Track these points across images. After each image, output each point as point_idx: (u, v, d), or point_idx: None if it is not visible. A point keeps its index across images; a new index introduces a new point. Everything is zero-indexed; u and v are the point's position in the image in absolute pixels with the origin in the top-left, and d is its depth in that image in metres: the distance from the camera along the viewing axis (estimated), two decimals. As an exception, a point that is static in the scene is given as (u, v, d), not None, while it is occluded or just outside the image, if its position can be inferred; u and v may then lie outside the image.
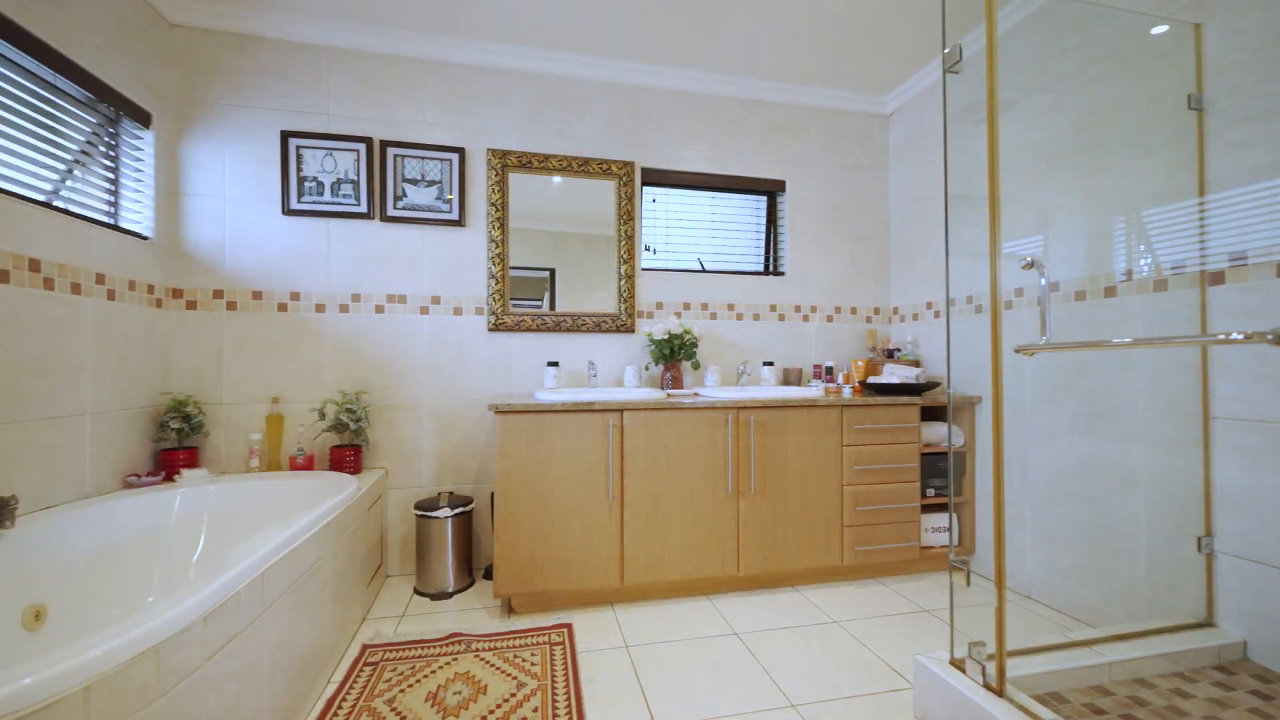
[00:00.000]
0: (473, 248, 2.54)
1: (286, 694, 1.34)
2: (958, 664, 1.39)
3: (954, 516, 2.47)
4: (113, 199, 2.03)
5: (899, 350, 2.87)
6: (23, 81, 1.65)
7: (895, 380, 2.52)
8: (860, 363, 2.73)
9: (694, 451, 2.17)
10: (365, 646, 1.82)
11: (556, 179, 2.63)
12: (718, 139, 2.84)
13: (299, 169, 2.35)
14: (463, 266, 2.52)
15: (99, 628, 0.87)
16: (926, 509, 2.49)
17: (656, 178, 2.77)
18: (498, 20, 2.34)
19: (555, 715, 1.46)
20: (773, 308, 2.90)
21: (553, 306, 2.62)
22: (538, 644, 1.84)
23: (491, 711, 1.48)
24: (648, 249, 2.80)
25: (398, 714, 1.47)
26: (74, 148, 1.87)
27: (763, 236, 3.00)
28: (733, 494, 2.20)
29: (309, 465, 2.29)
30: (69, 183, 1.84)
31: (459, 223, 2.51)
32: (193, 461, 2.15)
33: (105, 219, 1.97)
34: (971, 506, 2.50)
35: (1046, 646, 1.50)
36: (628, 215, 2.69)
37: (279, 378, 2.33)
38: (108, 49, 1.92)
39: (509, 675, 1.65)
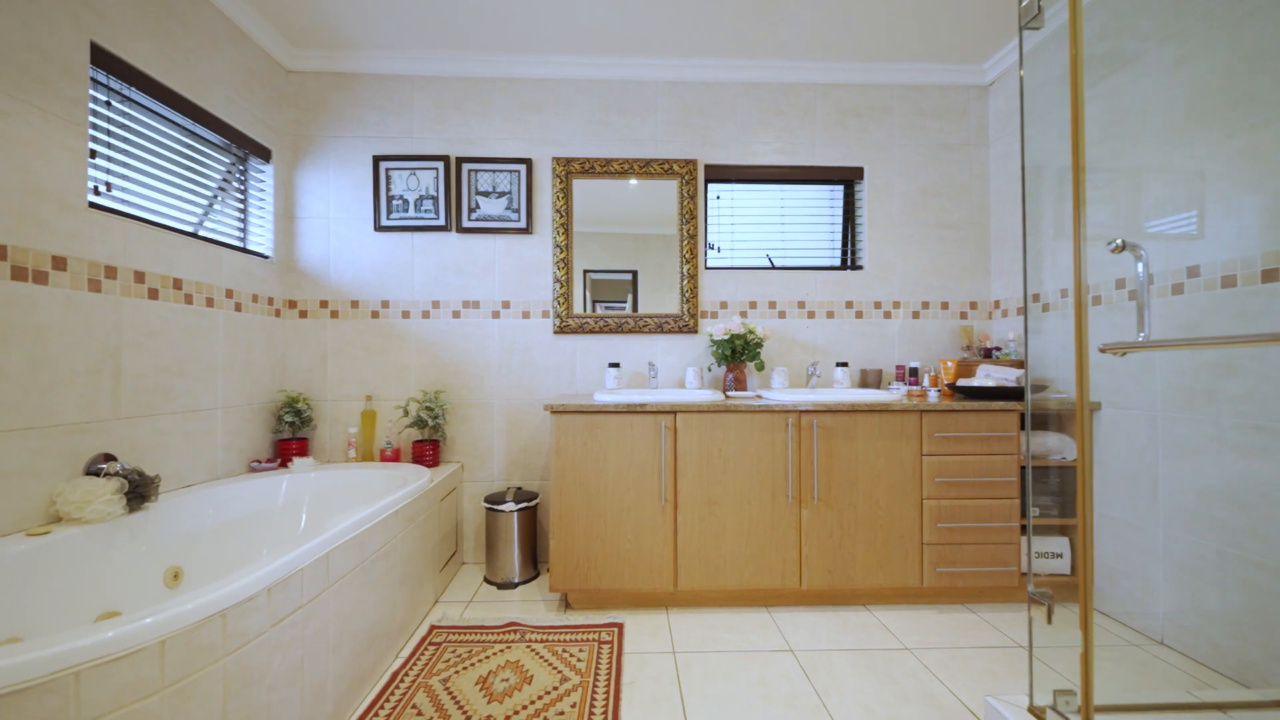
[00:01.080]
0: (539, 254, 2.64)
1: (352, 663, 1.49)
2: (1036, 713, 1.20)
3: (1030, 540, 2.15)
4: (242, 225, 2.38)
5: (999, 349, 2.54)
6: (173, 134, 1.99)
7: (990, 383, 2.24)
8: (950, 363, 2.46)
9: (751, 456, 2.08)
10: (433, 627, 1.96)
11: (619, 182, 2.65)
12: (788, 128, 2.71)
13: (388, 189, 2.60)
14: (529, 272, 2.64)
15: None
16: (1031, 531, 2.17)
17: (721, 174, 2.70)
18: (563, 33, 2.42)
19: (591, 714, 1.48)
20: (849, 305, 2.71)
21: (635, 308, 2.64)
22: (587, 640, 1.87)
23: (532, 702, 1.53)
24: (712, 248, 2.74)
25: (449, 693, 1.57)
26: (213, 184, 2.22)
27: (838, 229, 2.81)
28: (793, 502, 2.09)
29: (396, 457, 2.52)
30: (211, 214, 2.20)
31: (526, 230, 2.63)
32: (303, 451, 2.46)
33: (236, 243, 2.32)
34: (1088, 530, 2.15)
35: (1161, 706, 1.25)
36: (690, 214, 2.65)
37: (372, 378, 2.59)
38: (236, 98, 2.26)
39: (555, 668, 1.69)
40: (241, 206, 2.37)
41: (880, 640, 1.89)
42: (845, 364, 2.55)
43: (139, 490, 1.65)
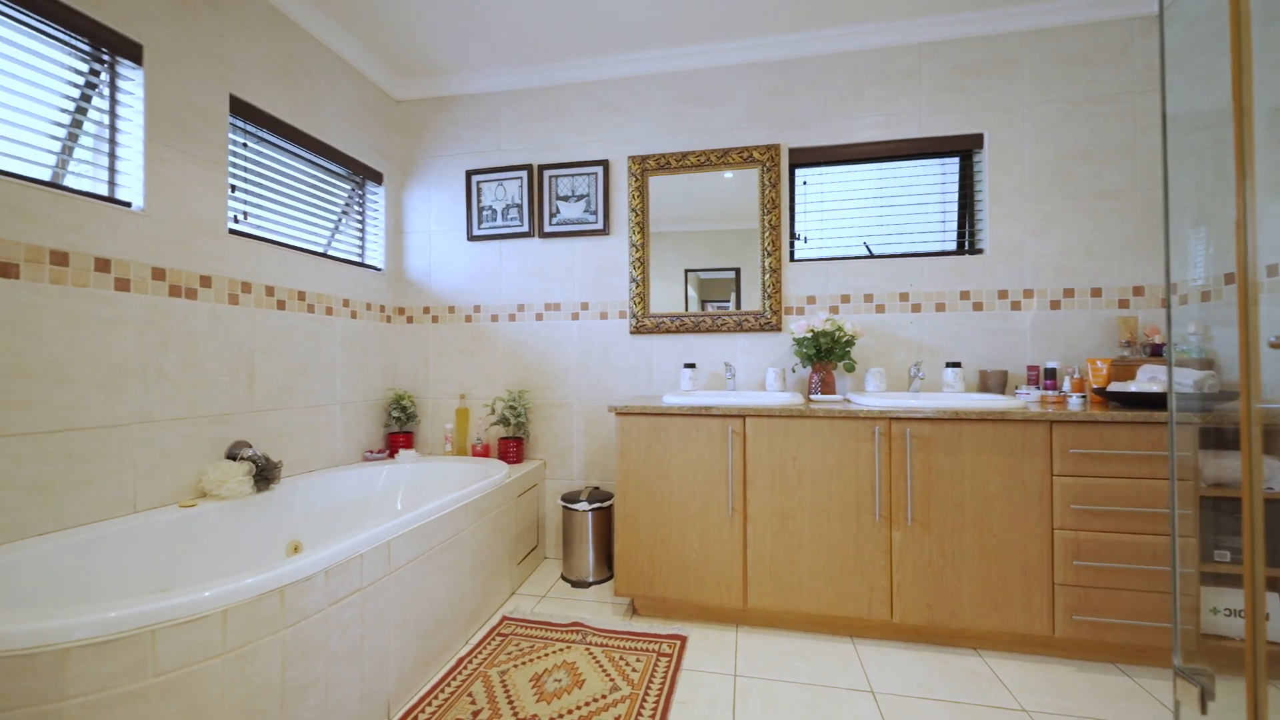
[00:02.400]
0: (616, 255, 2.64)
1: (415, 646, 1.59)
2: (1184, 830, 0.90)
3: (1176, 590, 1.63)
4: (360, 241, 2.69)
5: (1176, 346, 2.01)
6: (301, 166, 2.31)
7: (1155, 388, 1.78)
8: (1101, 363, 2.00)
9: (831, 467, 1.87)
10: (504, 618, 2.04)
11: (711, 175, 2.55)
12: (887, 99, 2.40)
13: (479, 201, 2.77)
14: (606, 273, 2.65)
15: (251, 567, 1.16)
16: (1216, 580, 1.69)
17: (808, 157, 2.48)
18: (635, 29, 2.39)
19: (632, 729, 1.42)
20: (964, 295, 2.33)
21: (739, 305, 2.52)
22: (647, 650, 1.81)
23: (578, 707, 1.51)
24: (798, 238, 2.52)
25: (504, 687, 1.61)
26: (338, 207, 2.54)
27: (951, 208, 2.43)
28: (881, 521, 1.83)
29: (485, 452, 2.67)
30: (337, 234, 2.52)
31: (604, 231, 2.64)
32: (409, 444, 2.71)
33: (355, 258, 2.63)
34: (1258, 585, 1.61)
35: None
36: (771, 203, 2.47)
37: (466, 377, 2.78)
38: (353, 130, 2.56)
39: (608, 676, 1.66)
40: (360, 225, 2.68)
41: (990, 694, 1.58)
42: (957, 364, 2.20)
43: (264, 473, 1.92)
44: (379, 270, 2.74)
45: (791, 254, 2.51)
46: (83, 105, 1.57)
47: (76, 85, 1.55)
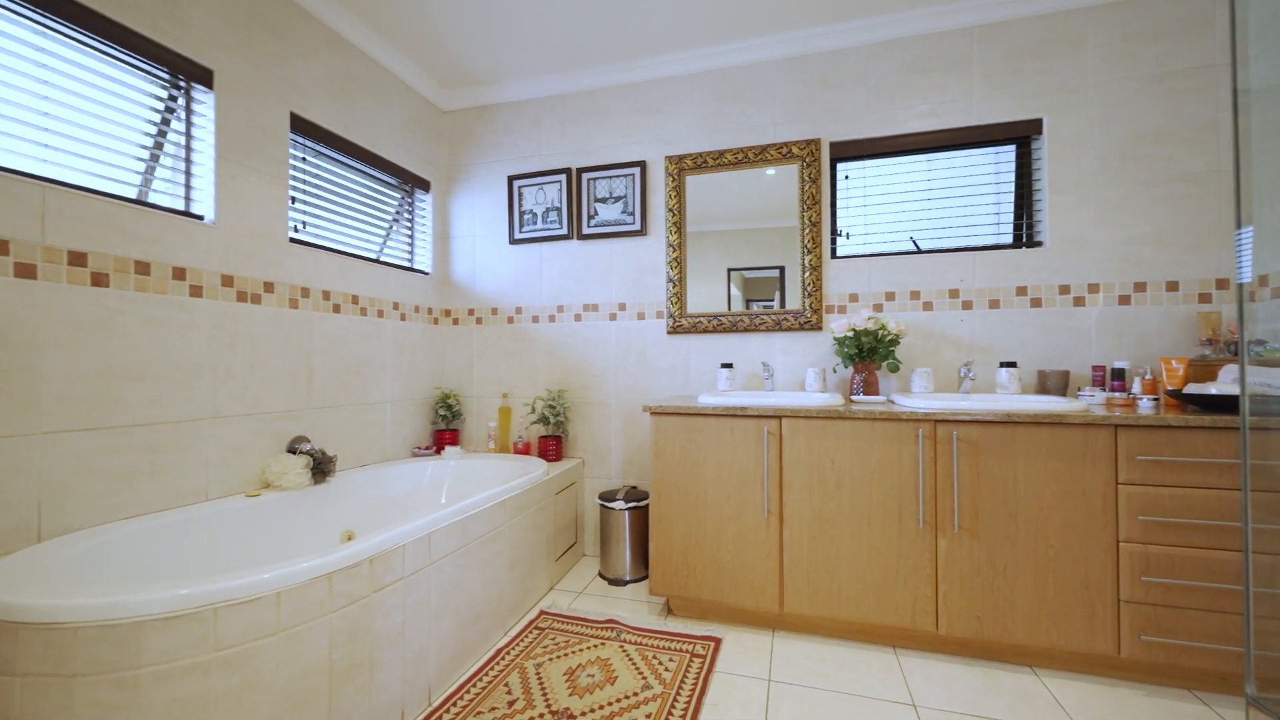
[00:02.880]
0: (653, 255, 2.65)
1: (455, 635, 1.65)
2: None
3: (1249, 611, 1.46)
4: (410, 247, 2.82)
5: (1264, 343, 1.82)
6: (355, 177, 2.44)
7: (1236, 391, 1.62)
8: (1177, 363, 1.84)
9: (871, 470, 1.81)
10: (542, 612, 2.09)
11: (753, 173, 2.52)
12: (936, 86, 2.30)
13: (520, 205, 2.85)
14: (644, 273, 2.66)
15: (303, 553, 1.24)
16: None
17: (851, 150, 2.40)
18: (671, 31, 2.39)
19: (662, 728, 1.42)
20: (1021, 291, 2.19)
21: (783, 304, 2.48)
22: (680, 651, 1.81)
23: (610, 703, 1.52)
24: (840, 234, 2.45)
25: (539, 679, 1.65)
26: (389, 215, 2.68)
27: (1006, 199, 2.29)
28: (926, 528, 1.76)
29: (526, 450, 2.74)
30: (389, 240, 2.66)
31: (641, 232, 2.65)
32: (455, 441, 2.81)
33: (405, 263, 2.76)
34: None
35: None
36: (811, 199, 2.41)
37: (508, 377, 2.86)
38: (404, 141, 2.68)
39: (640, 674, 1.67)
40: (409, 231, 2.81)
41: (1046, 716, 1.48)
42: (1013, 364, 2.07)
43: (321, 466, 2.05)
44: (426, 274, 2.87)
45: (833, 251, 2.44)
46: (163, 128, 1.72)
47: (157, 110, 1.70)
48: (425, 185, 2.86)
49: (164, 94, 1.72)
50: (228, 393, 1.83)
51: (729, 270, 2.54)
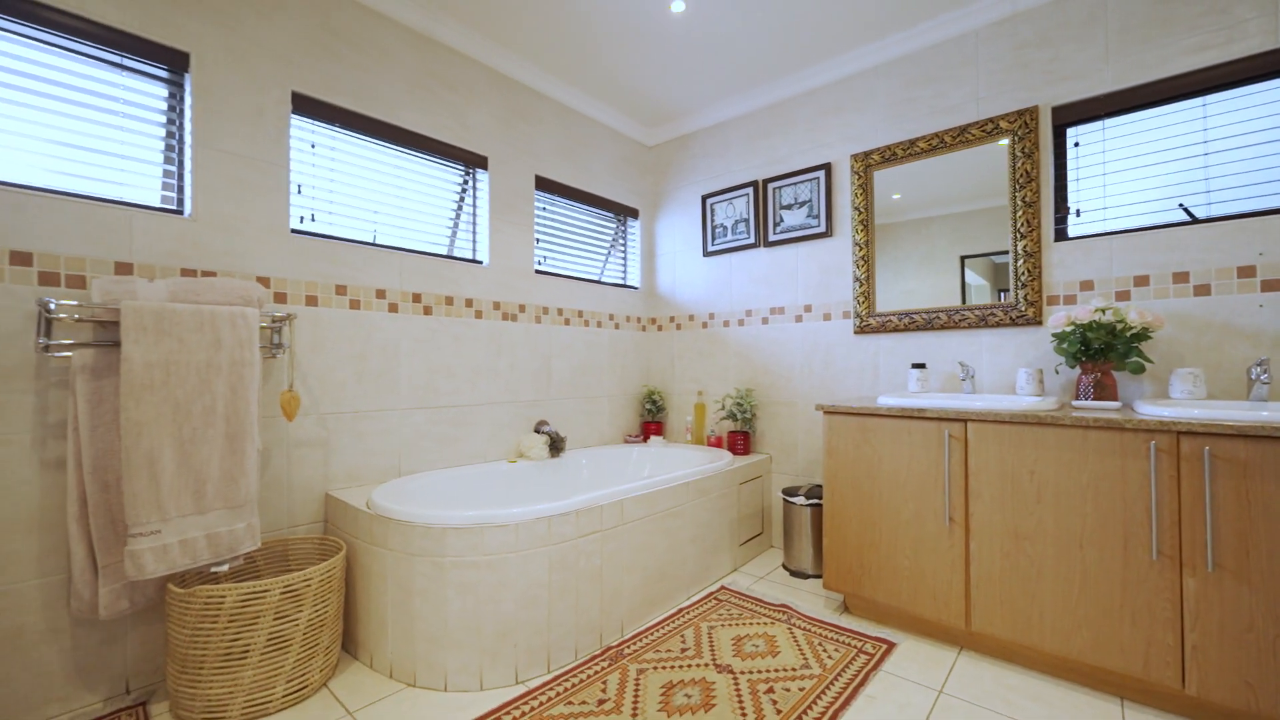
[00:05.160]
0: (838, 256, 2.65)
1: (641, 588, 2.01)
2: None
3: None
4: (623, 266, 3.37)
5: None
6: (583, 216, 3.07)
7: None
8: None
9: (1083, 486, 1.57)
10: (722, 587, 2.33)
11: (928, 161, 2.37)
12: (1208, 12, 1.81)
13: (712, 220, 3.14)
14: (829, 274, 2.68)
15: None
16: None
17: (1084, 111, 2.04)
18: (851, 28, 2.39)
19: (809, 705, 1.53)
20: (1371, 261, 1.58)
21: (998, 296, 2.24)
22: (848, 645, 1.85)
23: (767, 670, 1.69)
24: (1072, 212, 2.10)
25: (709, 638, 1.90)
26: (607, 242, 3.26)
27: (1347, 135, 1.67)
28: (1163, 561, 1.45)
29: (718, 443, 3.01)
30: (607, 264, 3.25)
31: (826, 234, 2.68)
32: (659, 431, 3.25)
33: (618, 281, 3.31)
34: None
35: None
36: (1025, 176, 2.12)
37: (703, 376, 3.18)
38: (617, 179, 3.24)
39: (801, 654, 1.78)
40: (623, 254, 3.36)
41: (1347, 827, 1.13)
42: (1347, 363, 1.52)
43: (556, 444, 2.66)
44: (636, 289, 3.37)
45: (1061, 232, 2.10)
46: (459, 204, 2.51)
47: (456, 192, 2.49)
48: (635, 213, 3.37)
49: (460, 180, 2.50)
50: (495, 387, 2.55)
51: (962, 258, 2.32)
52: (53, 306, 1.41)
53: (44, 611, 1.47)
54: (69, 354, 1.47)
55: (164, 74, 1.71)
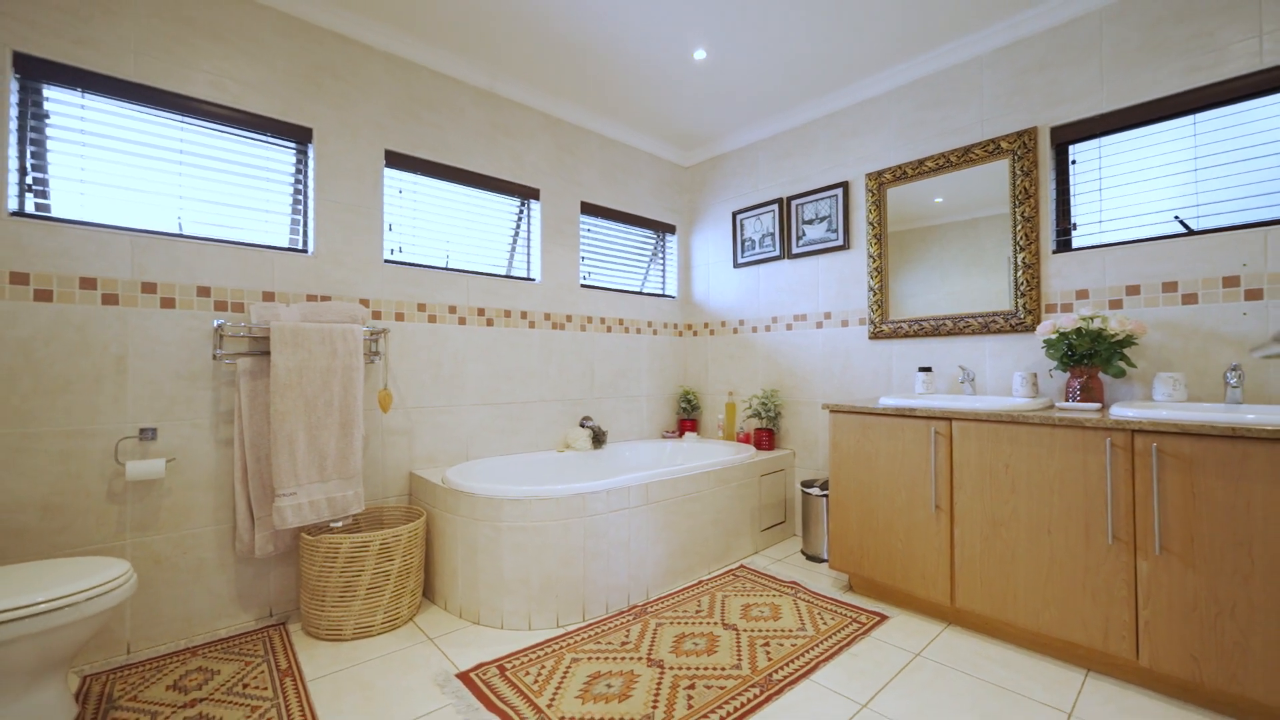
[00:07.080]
0: (855, 267, 2.86)
1: (665, 560, 2.34)
2: None
3: None
4: (661, 278, 3.71)
5: None
6: (624, 235, 3.44)
7: None
8: None
9: (1050, 478, 1.75)
10: (741, 565, 2.62)
11: (934, 180, 2.55)
12: (1199, 34, 1.92)
13: (741, 234, 3.41)
14: (847, 284, 2.89)
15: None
16: None
17: (1079, 131, 2.18)
18: (862, 58, 2.61)
19: (801, 656, 1.81)
20: (1350, 271, 1.66)
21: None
22: (843, 615, 2.10)
23: (767, 630, 1.98)
24: (1073, 226, 2.23)
25: (721, 604, 2.21)
26: (647, 257, 3.62)
27: (1333, 150, 1.74)
28: (1119, 546, 1.62)
29: (747, 440, 3.29)
30: (647, 277, 3.60)
31: (844, 246, 2.90)
32: (693, 429, 3.57)
33: (657, 291, 3.66)
34: None
35: None
36: (1024, 192, 2.27)
37: (734, 378, 3.46)
38: (655, 199, 3.58)
39: (800, 620, 2.06)
40: (661, 266, 3.70)
41: (1258, 776, 1.29)
42: (1317, 368, 1.62)
43: (599, 438, 3.05)
44: (673, 298, 3.70)
45: (1061, 244, 2.24)
46: (516, 230, 2.94)
47: (513, 220, 2.93)
48: (672, 229, 3.70)
49: (516, 210, 2.94)
50: (545, 386, 2.96)
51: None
52: (222, 324, 1.94)
53: (217, 550, 2.00)
54: (234, 361, 1.99)
55: (293, 145, 2.23)
